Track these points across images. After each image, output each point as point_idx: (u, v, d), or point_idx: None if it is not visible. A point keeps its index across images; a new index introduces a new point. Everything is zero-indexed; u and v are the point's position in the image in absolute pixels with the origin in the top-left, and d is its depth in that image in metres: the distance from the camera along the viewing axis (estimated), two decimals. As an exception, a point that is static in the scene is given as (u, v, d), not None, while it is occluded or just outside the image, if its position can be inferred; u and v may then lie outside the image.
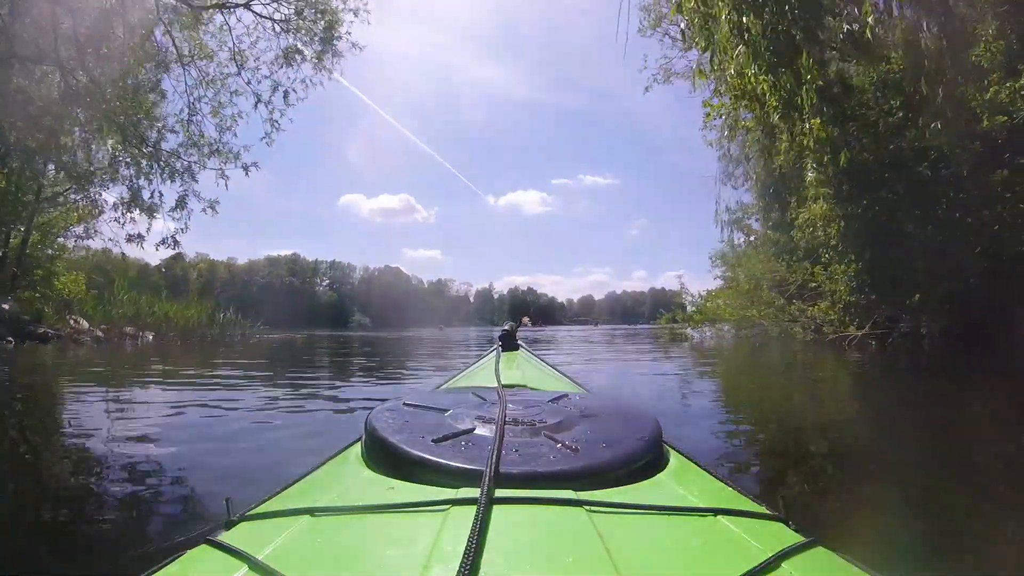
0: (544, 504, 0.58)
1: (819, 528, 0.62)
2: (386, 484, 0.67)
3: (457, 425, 0.83)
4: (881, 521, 1.62)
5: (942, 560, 1.41)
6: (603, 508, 0.58)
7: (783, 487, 2.01)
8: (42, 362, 8.10)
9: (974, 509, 1.83)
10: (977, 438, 2.83)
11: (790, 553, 0.53)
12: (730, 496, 0.73)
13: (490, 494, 0.58)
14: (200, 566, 0.55)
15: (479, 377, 1.58)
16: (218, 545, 0.56)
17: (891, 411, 3.96)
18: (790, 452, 2.60)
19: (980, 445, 2.68)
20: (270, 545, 0.53)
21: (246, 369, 7.08)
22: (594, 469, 0.68)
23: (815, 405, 4.21)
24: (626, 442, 0.77)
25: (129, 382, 5.56)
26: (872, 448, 2.73)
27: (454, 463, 0.68)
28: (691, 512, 0.61)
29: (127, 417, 3.60)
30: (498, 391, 1.06)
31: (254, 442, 2.77)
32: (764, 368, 7.64)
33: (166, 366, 7.49)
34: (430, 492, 0.62)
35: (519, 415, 0.89)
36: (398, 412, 0.89)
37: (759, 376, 6.64)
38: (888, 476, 2.18)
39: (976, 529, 1.66)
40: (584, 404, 1.00)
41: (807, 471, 2.31)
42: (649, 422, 0.86)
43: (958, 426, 3.17)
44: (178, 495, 1.91)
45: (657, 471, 0.75)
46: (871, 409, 4.12)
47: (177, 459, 2.41)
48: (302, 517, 0.59)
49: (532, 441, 0.77)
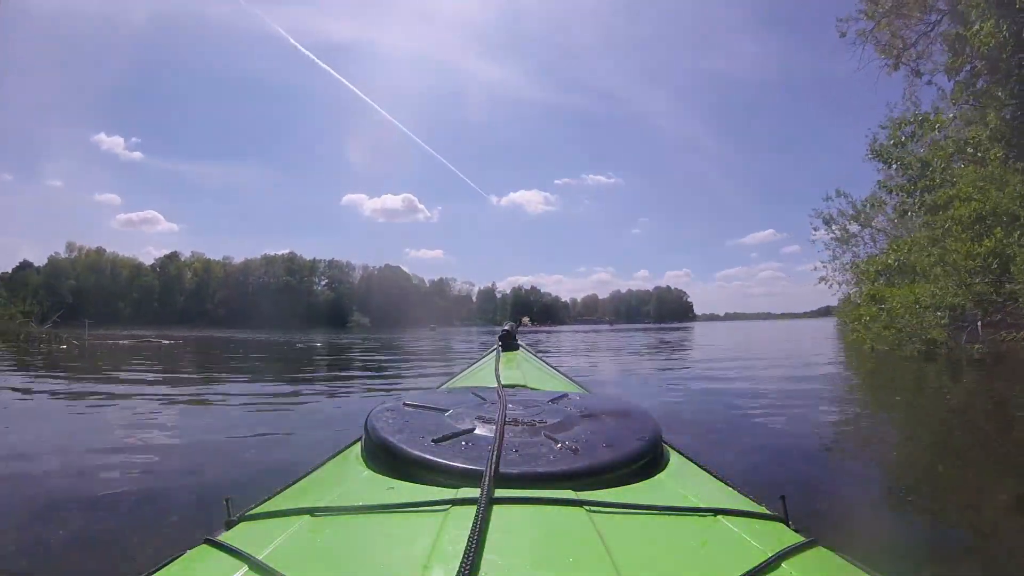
0: (544, 504, 0.58)
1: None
2: (386, 484, 0.67)
3: (457, 425, 0.82)
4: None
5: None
6: (603, 508, 0.58)
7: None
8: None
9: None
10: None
11: (790, 553, 0.53)
12: (730, 496, 0.73)
13: (490, 494, 0.58)
14: (200, 566, 0.54)
15: (479, 377, 1.58)
16: (218, 545, 0.55)
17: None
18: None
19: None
20: (270, 545, 0.53)
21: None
22: (594, 469, 0.68)
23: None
24: (626, 442, 0.76)
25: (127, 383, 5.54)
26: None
27: (454, 463, 0.68)
28: (691, 512, 0.61)
29: (127, 417, 3.59)
30: (498, 391, 1.05)
31: (254, 442, 2.77)
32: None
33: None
34: (430, 492, 0.62)
35: (519, 415, 0.89)
36: (398, 412, 0.89)
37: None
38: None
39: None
40: (584, 404, 1.00)
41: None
42: (649, 422, 0.86)
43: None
44: (178, 495, 1.90)
45: (657, 471, 0.75)
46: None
47: (177, 459, 2.41)
48: (302, 517, 0.59)
49: (532, 441, 0.77)
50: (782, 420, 3.59)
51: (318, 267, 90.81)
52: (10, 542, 1.54)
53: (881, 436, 3.29)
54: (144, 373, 6.85)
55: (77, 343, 13.26)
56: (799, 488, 2.05)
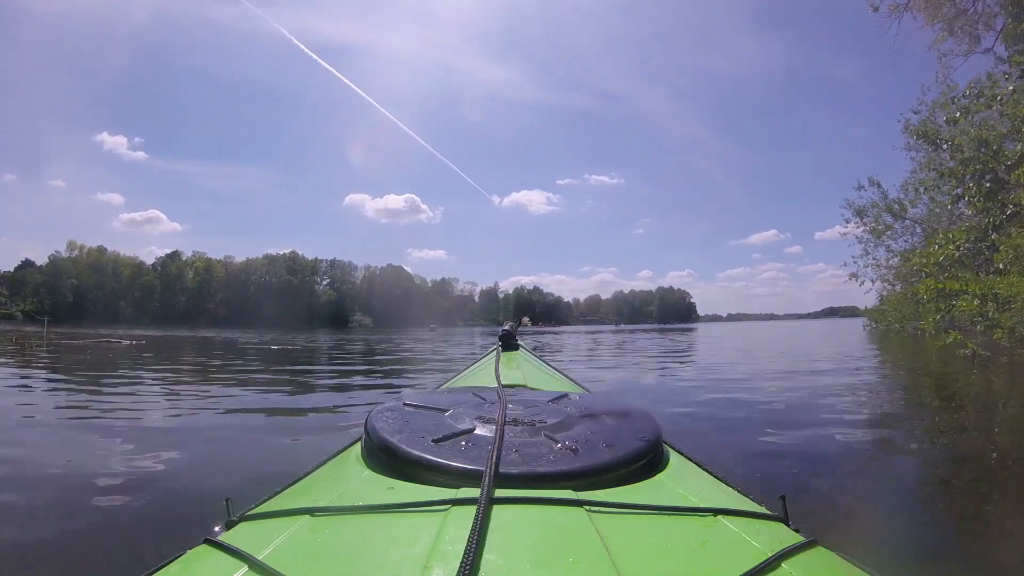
0: (544, 504, 0.58)
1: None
2: (386, 484, 0.67)
3: (457, 425, 0.82)
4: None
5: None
6: (603, 508, 0.58)
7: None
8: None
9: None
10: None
11: (790, 553, 0.53)
12: (730, 496, 0.73)
13: (490, 494, 0.58)
14: (200, 566, 0.54)
15: (479, 377, 1.58)
16: (218, 545, 0.55)
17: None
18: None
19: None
20: (270, 545, 0.53)
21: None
22: (594, 469, 0.68)
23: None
24: (626, 442, 0.76)
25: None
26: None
27: (454, 463, 0.68)
28: (691, 512, 0.61)
29: (127, 418, 3.59)
30: (498, 391, 1.05)
31: (255, 442, 2.77)
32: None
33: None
34: (430, 492, 0.62)
35: (519, 415, 0.89)
36: (398, 412, 0.89)
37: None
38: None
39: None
40: (584, 404, 1.00)
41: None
42: (649, 422, 0.86)
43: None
44: (178, 495, 1.91)
45: (657, 471, 0.75)
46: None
47: (177, 459, 2.41)
48: (302, 517, 0.59)
49: (532, 441, 0.76)
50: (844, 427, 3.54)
51: (320, 267, 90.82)
52: (10, 542, 1.54)
53: (903, 438, 3.28)
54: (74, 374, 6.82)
55: (39, 342, 12.96)
56: (799, 488, 2.04)
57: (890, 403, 4.74)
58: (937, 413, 4.01)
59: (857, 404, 4.38)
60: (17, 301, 25.31)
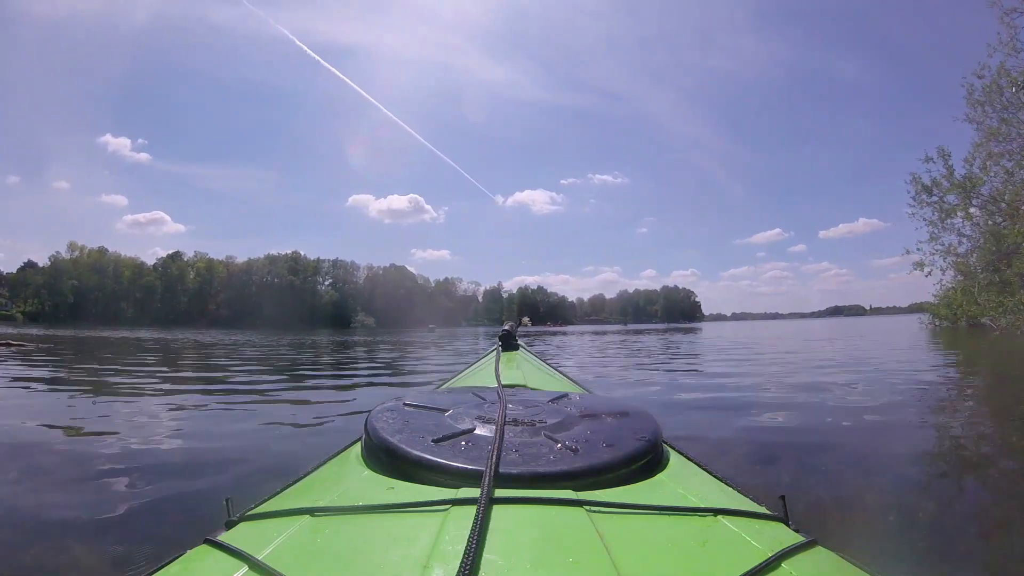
0: (544, 504, 0.58)
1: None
2: (386, 484, 0.67)
3: (457, 425, 0.82)
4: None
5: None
6: (603, 508, 0.58)
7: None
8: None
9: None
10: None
11: (790, 553, 0.53)
12: (730, 496, 0.73)
13: (490, 494, 0.58)
14: (200, 566, 0.55)
15: (479, 377, 1.58)
16: (218, 545, 0.56)
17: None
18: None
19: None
20: (270, 545, 0.53)
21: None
22: (594, 469, 0.68)
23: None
24: (626, 442, 0.76)
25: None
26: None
27: (454, 463, 0.68)
28: (691, 512, 0.61)
29: (125, 417, 3.60)
30: (498, 391, 1.05)
31: (255, 442, 2.77)
32: None
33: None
34: (430, 492, 0.62)
35: (519, 415, 0.89)
36: (398, 412, 0.89)
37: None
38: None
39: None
40: (584, 404, 1.00)
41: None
42: (649, 422, 0.86)
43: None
44: (178, 495, 1.91)
45: (657, 471, 0.75)
46: None
47: (177, 459, 2.42)
48: (302, 517, 0.59)
49: (532, 441, 0.76)
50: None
51: (322, 267, 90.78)
52: (9, 543, 1.55)
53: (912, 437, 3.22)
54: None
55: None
56: (799, 488, 2.04)
57: (900, 402, 4.71)
58: (948, 412, 4.00)
59: (860, 404, 4.36)
60: (18, 302, 25.19)
